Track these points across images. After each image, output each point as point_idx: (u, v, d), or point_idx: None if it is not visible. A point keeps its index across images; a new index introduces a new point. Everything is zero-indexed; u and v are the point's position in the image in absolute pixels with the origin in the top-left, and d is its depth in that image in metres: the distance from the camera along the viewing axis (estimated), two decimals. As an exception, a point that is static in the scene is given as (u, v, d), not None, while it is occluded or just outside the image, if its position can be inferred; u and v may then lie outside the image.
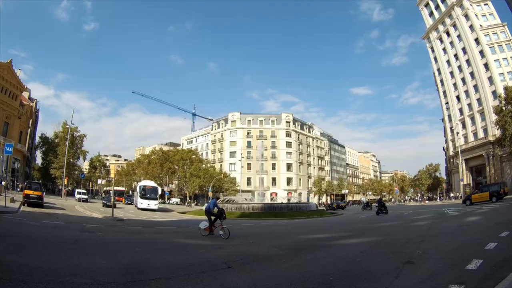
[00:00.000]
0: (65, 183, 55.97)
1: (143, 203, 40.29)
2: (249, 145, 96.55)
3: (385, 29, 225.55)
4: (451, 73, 72.61)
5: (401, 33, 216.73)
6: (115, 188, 70.29)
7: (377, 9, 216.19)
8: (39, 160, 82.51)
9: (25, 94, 61.70)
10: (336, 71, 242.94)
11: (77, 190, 56.41)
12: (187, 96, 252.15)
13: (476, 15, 67.15)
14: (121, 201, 55.70)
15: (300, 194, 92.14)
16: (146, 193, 41.88)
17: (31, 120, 64.41)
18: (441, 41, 75.06)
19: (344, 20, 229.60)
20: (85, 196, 50.39)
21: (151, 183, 46.71)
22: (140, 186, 43.70)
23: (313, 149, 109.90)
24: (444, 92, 75.93)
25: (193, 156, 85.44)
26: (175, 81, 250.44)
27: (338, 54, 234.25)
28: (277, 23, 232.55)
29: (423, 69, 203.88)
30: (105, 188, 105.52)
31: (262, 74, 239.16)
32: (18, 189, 41.47)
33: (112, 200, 27.74)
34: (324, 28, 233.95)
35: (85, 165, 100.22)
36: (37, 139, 74.57)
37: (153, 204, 40.91)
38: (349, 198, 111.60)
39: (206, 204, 44.73)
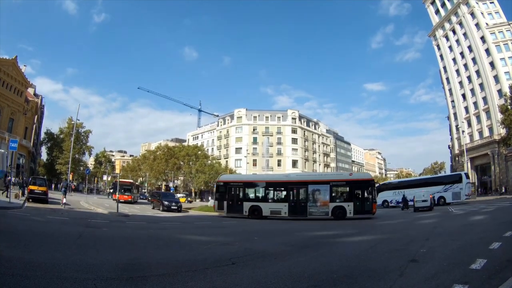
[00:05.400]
0: (71, 178, 55.67)
1: None
2: (254, 141, 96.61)
3: (401, 24, 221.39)
4: (457, 71, 72.16)
5: (419, 28, 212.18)
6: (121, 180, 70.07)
7: (393, 4, 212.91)
8: (44, 156, 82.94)
9: (31, 90, 62.00)
10: (350, 66, 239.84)
11: (166, 192, 37.53)
12: (199, 91, 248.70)
13: (482, 13, 66.70)
14: (130, 200, 40.71)
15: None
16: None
17: (36, 116, 64.74)
18: (447, 39, 74.58)
19: (359, 15, 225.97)
20: (175, 205, 32.20)
21: None
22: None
23: (319, 146, 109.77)
24: (450, 90, 75.47)
25: (199, 152, 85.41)
26: (188, 76, 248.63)
27: (352, 49, 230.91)
28: (294, 19, 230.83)
29: (436, 65, 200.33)
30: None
31: (278, 70, 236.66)
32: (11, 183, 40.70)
33: (117, 195, 27.75)
34: (340, 23, 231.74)
35: (90, 161, 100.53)
36: (43, 135, 74.99)
37: None
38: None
39: (211, 200, 44.06)
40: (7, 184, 28.91)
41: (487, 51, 63.39)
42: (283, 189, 26.85)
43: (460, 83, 71.35)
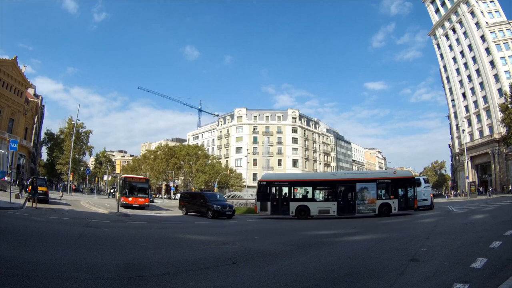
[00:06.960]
0: (71, 178, 55.66)
1: None
2: (255, 140, 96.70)
3: (403, 23, 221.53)
4: (457, 70, 72.17)
5: (420, 27, 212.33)
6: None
7: (395, 3, 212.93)
8: (44, 156, 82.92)
9: (31, 91, 62.05)
10: (352, 65, 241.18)
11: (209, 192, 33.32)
12: (200, 91, 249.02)
13: (481, 12, 66.73)
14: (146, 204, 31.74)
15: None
16: None
17: (36, 116, 64.72)
18: (447, 37, 74.57)
19: (361, 14, 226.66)
20: (229, 209, 25.72)
21: None
22: None
23: (319, 145, 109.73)
24: (450, 89, 75.53)
25: (199, 152, 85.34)
26: (189, 75, 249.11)
27: (354, 48, 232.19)
28: (295, 18, 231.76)
29: (437, 64, 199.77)
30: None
31: (279, 69, 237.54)
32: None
33: (117, 194, 27.58)
34: (341, 22, 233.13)
35: (91, 161, 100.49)
36: (43, 135, 74.98)
37: None
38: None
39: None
40: (23, 185, 29.31)
41: (487, 50, 63.40)
42: (331, 187, 26.44)
43: (461, 82, 71.34)
